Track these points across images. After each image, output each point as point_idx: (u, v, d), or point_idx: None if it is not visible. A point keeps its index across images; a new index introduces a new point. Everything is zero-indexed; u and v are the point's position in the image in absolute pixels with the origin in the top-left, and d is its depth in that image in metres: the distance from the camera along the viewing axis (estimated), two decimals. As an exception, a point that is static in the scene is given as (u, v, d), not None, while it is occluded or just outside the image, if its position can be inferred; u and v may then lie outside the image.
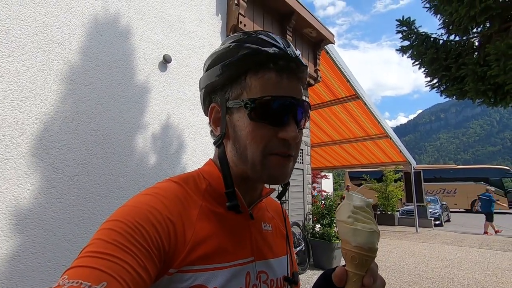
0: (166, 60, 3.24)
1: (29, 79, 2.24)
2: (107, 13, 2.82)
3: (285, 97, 0.48)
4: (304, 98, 0.52)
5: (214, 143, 0.53)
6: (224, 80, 0.50)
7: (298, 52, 0.50)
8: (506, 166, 21.36)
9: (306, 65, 0.51)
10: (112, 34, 2.83)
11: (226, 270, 0.46)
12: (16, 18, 2.21)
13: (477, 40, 3.20)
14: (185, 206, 0.47)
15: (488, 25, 3.03)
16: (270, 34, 0.50)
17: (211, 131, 0.57)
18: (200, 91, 0.56)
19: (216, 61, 0.51)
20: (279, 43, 0.48)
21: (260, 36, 0.49)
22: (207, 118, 0.57)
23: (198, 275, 0.43)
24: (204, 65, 0.55)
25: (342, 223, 0.45)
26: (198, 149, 3.49)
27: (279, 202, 0.65)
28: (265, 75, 0.48)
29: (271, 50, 0.47)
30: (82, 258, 0.36)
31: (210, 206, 0.50)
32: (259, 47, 0.47)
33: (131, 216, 0.40)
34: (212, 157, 0.59)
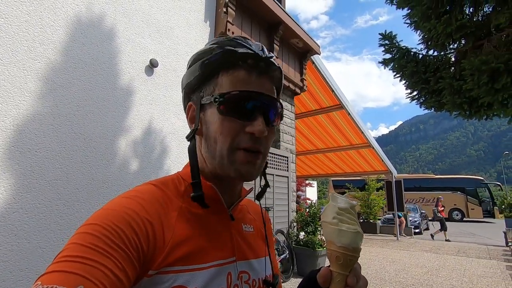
0: (152, 65, 3.21)
1: (7, 78, 2.16)
2: (92, 15, 2.77)
3: (252, 92, 0.50)
4: (276, 97, 0.56)
5: (187, 137, 0.53)
6: (200, 79, 0.53)
7: (271, 54, 0.53)
8: (480, 177, 22.35)
9: (279, 66, 0.55)
10: (97, 36, 2.79)
11: (207, 270, 0.46)
12: (-4, 15, 2.14)
13: (453, 55, 3.37)
14: (164, 208, 0.46)
15: (463, 42, 3.21)
16: (247, 39, 0.54)
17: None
18: (182, 92, 0.58)
19: (194, 60, 0.54)
20: (251, 46, 0.51)
21: (236, 40, 0.52)
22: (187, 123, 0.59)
23: (178, 276, 0.43)
24: (187, 65, 0.57)
25: (327, 224, 0.46)
26: (183, 155, 3.44)
27: (258, 204, 0.65)
28: (235, 72, 0.50)
29: (241, 50, 0.50)
30: (56, 263, 0.35)
31: (189, 208, 0.50)
32: (232, 47, 0.50)
33: (108, 219, 0.39)
34: None
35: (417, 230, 12.43)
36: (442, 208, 11.08)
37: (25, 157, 2.20)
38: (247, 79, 0.50)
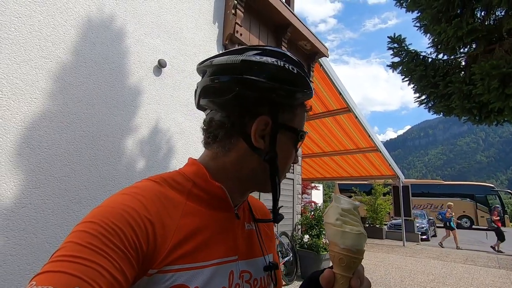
0: (161, 65, 3.25)
1: (20, 76, 2.21)
2: (103, 15, 2.82)
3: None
4: None
5: (267, 160, 0.52)
6: (282, 100, 0.52)
7: None
8: (491, 184, 21.84)
9: None
10: (107, 36, 2.84)
11: (209, 268, 0.46)
12: (11, 15, 2.20)
13: (463, 59, 3.32)
14: (166, 205, 0.46)
15: (474, 46, 3.16)
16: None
17: (216, 134, 0.53)
18: (235, 88, 0.49)
19: (292, 81, 0.51)
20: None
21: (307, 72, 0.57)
22: (201, 120, 0.58)
23: (179, 274, 0.42)
24: (258, 70, 0.49)
25: (330, 226, 0.46)
26: (190, 155, 3.45)
27: (264, 205, 0.66)
28: (304, 111, 0.58)
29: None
30: (52, 262, 0.34)
31: (194, 205, 0.49)
32: (312, 86, 0.56)
33: (106, 217, 0.39)
34: (192, 157, 0.58)
35: (424, 237, 12.22)
36: (498, 218, 9.86)
37: (35, 154, 2.25)
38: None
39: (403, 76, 3.62)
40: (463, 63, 3.31)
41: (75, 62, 2.56)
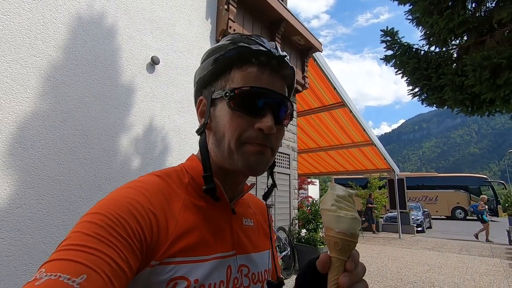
0: (154, 62, 3.22)
1: (10, 75, 2.18)
2: (93, 12, 2.79)
3: (263, 89, 0.50)
4: (287, 97, 0.55)
5: (197, 131, 0.54)
6: (212, 74, 0.53)
7: (284, 54, 0.53)
8: (484, 175, 22.19)
9: (292, 66, 0.54)
10: (99, 34, 2.80)
11: (207, 262, 0.47)
12: (-1, 13, 2.16)
13: (455, 51, 3.35)
14: (168, 199, 0.47)
15: (465, 38, 3.19)
16: (261, 37, 0.54)
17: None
18: (194, 86, 0.59)
19: (208, 56, 0.54)
20: (264, 43, 0.51)
21: (251, 37, 0.52)
22: (197, 117, 0.60)
23: (179, 267, 0.43)
24: (201, 60, 0.57)
25: (326, 211, 0.47)
26: (185, 152, 3.46)
27: (264, 202, 0.64)
28: (248, 69, 0.50)
29: (255, 47, 0.50)
30: (60, 251, 0.35)
31: (193, 200, 0.51)
32: (246, 44, 0.50)
33: (112, 209, 0.40)
34: (195, 153, 0.59)
35: (419, 229, 12.39)
36: None
37: (28, 154, 2.22)
38: (259, 76, 0.50)
39: (396, 69, 3.64)
40: (455, 55, 3.34)
41: (67, 60, 2.53)
